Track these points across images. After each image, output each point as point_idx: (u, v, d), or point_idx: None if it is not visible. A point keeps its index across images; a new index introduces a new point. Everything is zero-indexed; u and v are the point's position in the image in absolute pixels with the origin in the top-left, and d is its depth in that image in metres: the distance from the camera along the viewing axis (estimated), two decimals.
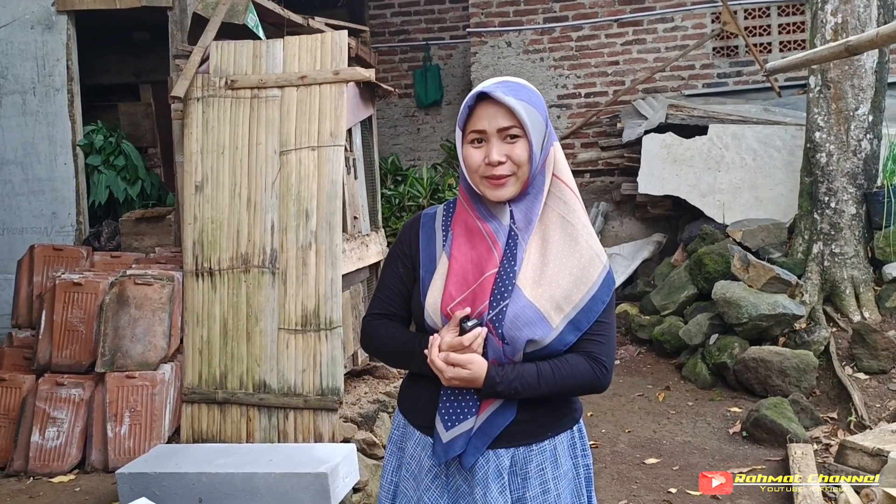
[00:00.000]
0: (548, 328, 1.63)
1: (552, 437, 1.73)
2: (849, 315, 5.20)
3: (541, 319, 1.63)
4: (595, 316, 1.67)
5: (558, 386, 1.65)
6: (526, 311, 1.62)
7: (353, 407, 4.07)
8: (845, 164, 5.35)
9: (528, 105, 1.64)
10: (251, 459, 3.16)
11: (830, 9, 5.29)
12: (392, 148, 8.42)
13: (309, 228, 3.80)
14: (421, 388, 1.77)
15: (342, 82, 3.89)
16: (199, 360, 3.85)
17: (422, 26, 8.52)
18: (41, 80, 5.08)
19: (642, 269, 6.87)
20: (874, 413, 4.46)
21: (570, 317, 1.64)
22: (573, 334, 1.66)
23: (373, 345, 1.85)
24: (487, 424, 1.67)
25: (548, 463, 1.72)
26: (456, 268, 1.68)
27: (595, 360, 1.68)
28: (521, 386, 1.63)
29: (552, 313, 1.63)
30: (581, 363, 1.67)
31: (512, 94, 1.63)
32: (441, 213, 1.81)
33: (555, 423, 1.74)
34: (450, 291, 1.67)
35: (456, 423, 1.67)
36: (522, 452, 1.70)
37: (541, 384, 1.64)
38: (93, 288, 3.97)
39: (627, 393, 5.24)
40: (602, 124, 7.66)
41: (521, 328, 1.62)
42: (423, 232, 1.80)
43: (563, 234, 1.68)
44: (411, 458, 1.78)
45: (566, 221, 1.69)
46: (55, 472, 3.72)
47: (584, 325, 1.66)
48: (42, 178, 5.09)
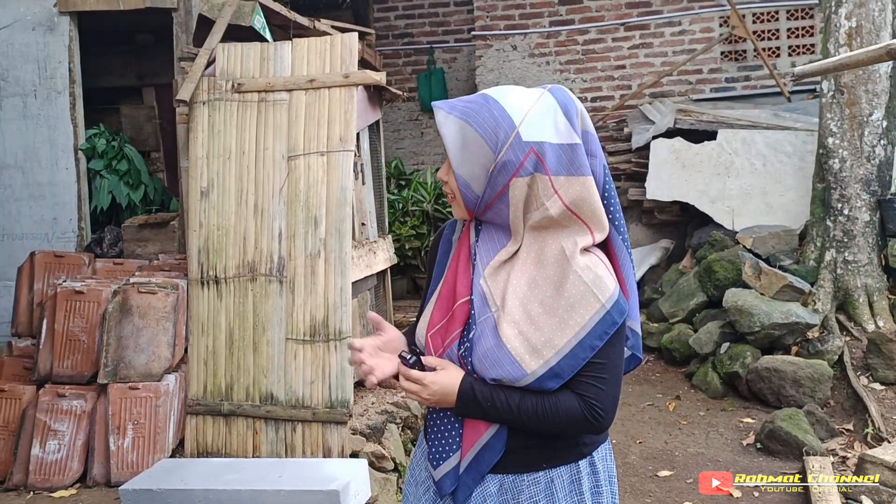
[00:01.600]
0: (519, 372, 1.48)
1: (547, 470, 1.60)
2: (862, 324, 5.12)
3: (510, 362, 1.49)
4: (581, 363, 1.49)
5: (538, 419, 1.51)
6: (494, 351, 1.50)
7: (360, 418, 3.98)
8: (859, 170, 5.28)
9: (467, 125, 1.49)
10: (259, 475, 3.07)
11: (844, 13, 5.22)
12: (395, 152, 8.34)
13: (318, 236, 3.72)
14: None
15: (352, 86, 3.80)
16: (205, 371, 3.76)
17: (426, 29, 8.44)
18: (42, 82, 4.99)
19: (650, 275, 6.79)
20: (891, 425, 4.38)
21: (550, 363, 1.48)
22: (554, 381, 1.50)
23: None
24: (476, 462, 1.58)
25: (542, 496, 1.59)
26: (443, 291, 1.63)
27: (586, 401, 1.51)
28: (499, 404, 1.52)
29: (525, 357, 1.48)
30: (570, 402, 1.52)
31: (450, 114, 1.51)
32: (459, 227, 1.73)
33: (551, 455, 1.60)
34: (434, 316, 1.62)
35: (441, 460, 1.60)
36: (511, 480, 1.60)
37: (520, 409, 1.51)
38: (95, 296, 3.88)
39: (637, 402, 5.16)
40: (609, 129, 7.58)
41: (487, 367, 1.51)
42: (442, 247, 1.73)
43: (556, 271, 1.51)
44: (416, 465, 1.76)
45: (562, 257, 1.51)
46: (56, 486, 3.62)
47: (566, 373, 1.49)
48: (43, 183, 4.99)
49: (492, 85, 7.68)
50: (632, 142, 6.81)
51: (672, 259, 6.81)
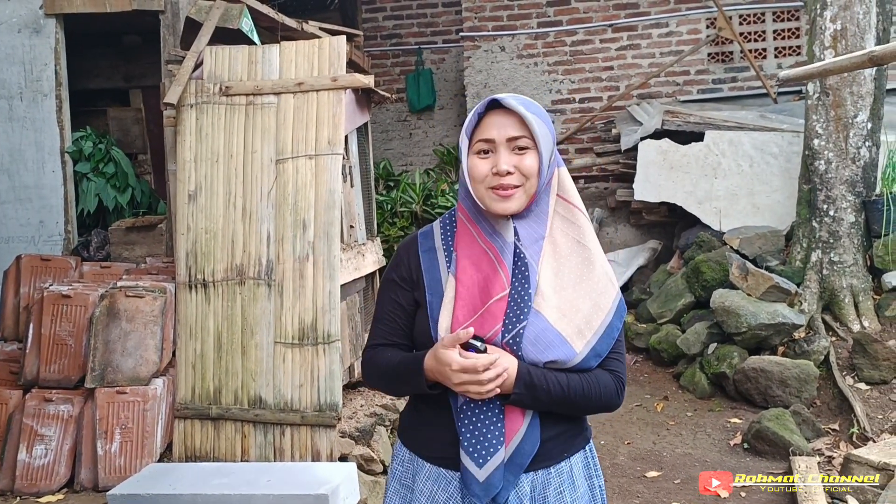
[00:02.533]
0: (571, 352, 1.59)
1: (568, 458, 1.68)
2: (848, 324, 5.17)
3: (562, 342, 1.59)
4: (612, 341, 1.64)
5: (584, 397, 1.61)
6: (547, 334, 1.59)
7: (349, 421, 3.98)
8: (844, 171, 5.32)
9: (538, 118, 1.61)
10: (248, 479, 3.07)
11: (830, 15, 5.26)
12: (384, 153, 8.33)
13: (306, 239, 3.71)
14: (428, 416, 1.69)
15: (340, 89, 3.80)
16: (193, 375, 3.75)
17: (414, 30, 8.44)
18: (28, 84, 4.95)
19: (637, 276, 6.82)
20: (876, 424, 4.42)
21: (591, 343, 1.61)
22: (596, 360, 1.63)
23: (374, 375, 1.75)
24: (517, 454, 1.59)
25: (566, 486, 1.66)
26: (463, 292, 1.62)
27: (617, 377, 1.66)
28: (552, 386, 1.58)
29: (574, 338, 1.60)
30: (606, 377, 1.64)
31: (523, 106, 1.60)
32: (438, 231, 1.73)
33: (570, 443, 1.69)
34: (458, 316, 1.61)
35: (487, 457, 1.57)
36: (541, 476, 1.64)
37: (570, 389, 1.60)
38: (82, 300, 3.86)
39: (625, 403, 5.12)
40: (597, 130, 7.61)
41: (542, 350, 1.59)
42: (423, 254, 1.71)
43: (580, 258, 1.65)
44: (421, 494, 1.68)
45: (581, 245, 1.66)
46: (43, 491, 3.60)
47: (604, 352, 1.63)
48: (29, 186, 4.96)
49: (480, 86, 7.70)
50: (620, 143, 6.84)
51: (660, 260, 6.84)
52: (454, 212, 1.73)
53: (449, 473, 1.65)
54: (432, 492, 1.66)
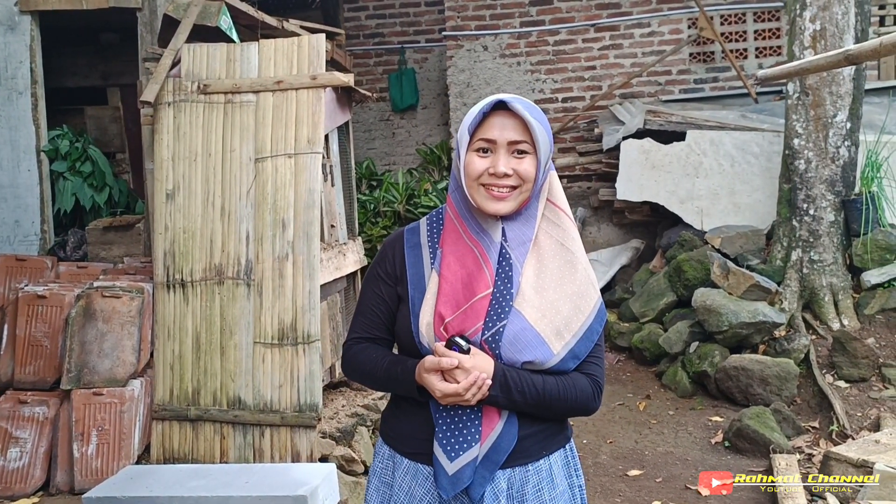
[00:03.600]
0: (548, 352, 1.60)
1: (547, 457, 1.68)
2: (828, 322, 5.20)
3: (541, 343, 1.60)
4: (591, 345, 1.65)
5: (560, 400, 1.62)
6: (526, 334, 1.60)
7: (330, 421, 3.95)
8: (824, 171, 5.35)
9: (540, 125, 1.62)
10: (226, 481, 3.03)
11: (809, 15, 5.29)
12: (367, 152, 8.30)
13: (286, 238, 3.68)
14: (407, 413, 1.70)
15: (320, 87, 3.77)
16: (171, 376, 3.70)
17: (397, 29, 8.41)
18: (3, 82, 4.88)
19: (620, 275, 6.84)
20: (855, 422, 4.45)
21: (570, 345, 1.62)
22: (573, 362, 1.63)
23: (356, 370, 1.77)
24: (493, 451, 1.60)
25: (545, 483, 1.66)
26: (446, 287, 1.63)
27: (593, 381, 1.67)
28: (527, 388, 1.59)
29: (552, 338, 1.61)
30: (583, 381, 1.65)
31: (528, 111, 1.61)
32: (425, 227, 1.75)
33: (550, 441, 1.69)
34: (440, 311, 1.61)
35: (460, 451, 1.59)
36: (519, 473, 1.65)
37: (545, 391, 1.60)
38: (58, 301, 3.81)
39: (608, 402, 5.18)
40: (579, 129, 7.62)
41: (520, 350, 1.59)
42: (408, 250, 1.73)
43: (563, 261, 1.66)
44: (400, 490, 1.70)
45: (564, 248, 1.67)
46: (18, 494, 3.54)
47: (582, 354, 1.64)
48: (4, 185, 4.88)
49: (463, 85, 7.68)
50: (602, 142, 6.85)
51: (643, 259, 6.85)
52: (442, 210, 1.75)
53: (426, 469, 1.66)
54: (410, 487, 1.68)
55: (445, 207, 1.73)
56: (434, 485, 1.64)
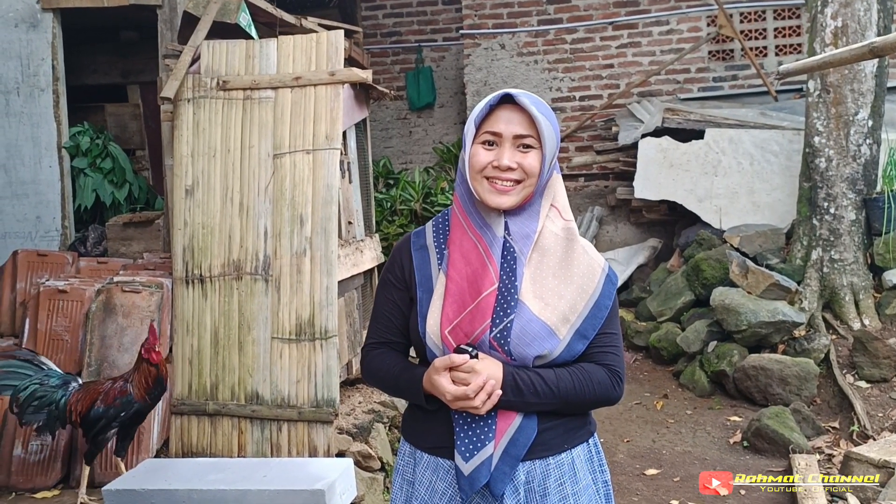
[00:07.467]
0: (556, 341, 1.61)
1: (569, 450, 1.68)
2: (848, 322, 5.14)
3: (549, 333, 1.60)
4: (600, 322, 1.65)
5: (576, 393, 1.62)
6: (533, 326, 1.60)
7: (347, 417, 3.96)
8: (845, 169, 5.30)
9: (547, 120, 1.62)
10: (244, 475, 3.04)
11: (830, 12, 5.23)
12: (384, 151, 8.31)
13: (303, 234, 3.69)
14: (426, 410, 1.71)
15: (338, 84, 3.78)
16: (189, 371, 3.72)
17: (414, 28, 8.41)
18: (25, 79, 4.93)
19: (637, 274, 6.80)
20: (876, 423, 4.40)
21: (575, 326, 1.62)
22: (581, 343, 1.63)
23: (372, 377, 1.80)
24: (511, 446, 1.60)
25: (567, 477, 1.66)
26: (452, 288, 1.63)
27: (611, 370, 1.66)
28: (540, 388, 1.59)
29: (559, 326, 1.61)
30: (599, 373, 1.65)
31: (535, 106, 1.61)
32: (431, 230, 1.76)
33: (572, 435, 1.69)
34: (447, 313, 1.62)
35: (475, 451, 1.59)
36: (539, 466, 1.64)
37: (559, 389, 1.60)
38: (78, 295, 3.84)
39: (625, 401, 5.16)
40: (597, 128, 7.58)
41: (528, 343, 1.59)
42: (416, 253, 1.74)
43: (563, 248, 1.67)
44: (420, 485, 1.70)
45: (561, 238, 1.68)
46: (38, 487, 3.58)
47: (590, 333, 1.64)
48: (26, 181, 4.93)
49: (480, 84, 7.67)
50: (619, 140, 6.82)
51: (660, 258, 6.82)
52: (448, 212, 1.75)
53: (446, 463, 1.66)
54: (431, 482, 1.69)
55: (451, 208, 1.74)
56: (455, 478, 1.64)
